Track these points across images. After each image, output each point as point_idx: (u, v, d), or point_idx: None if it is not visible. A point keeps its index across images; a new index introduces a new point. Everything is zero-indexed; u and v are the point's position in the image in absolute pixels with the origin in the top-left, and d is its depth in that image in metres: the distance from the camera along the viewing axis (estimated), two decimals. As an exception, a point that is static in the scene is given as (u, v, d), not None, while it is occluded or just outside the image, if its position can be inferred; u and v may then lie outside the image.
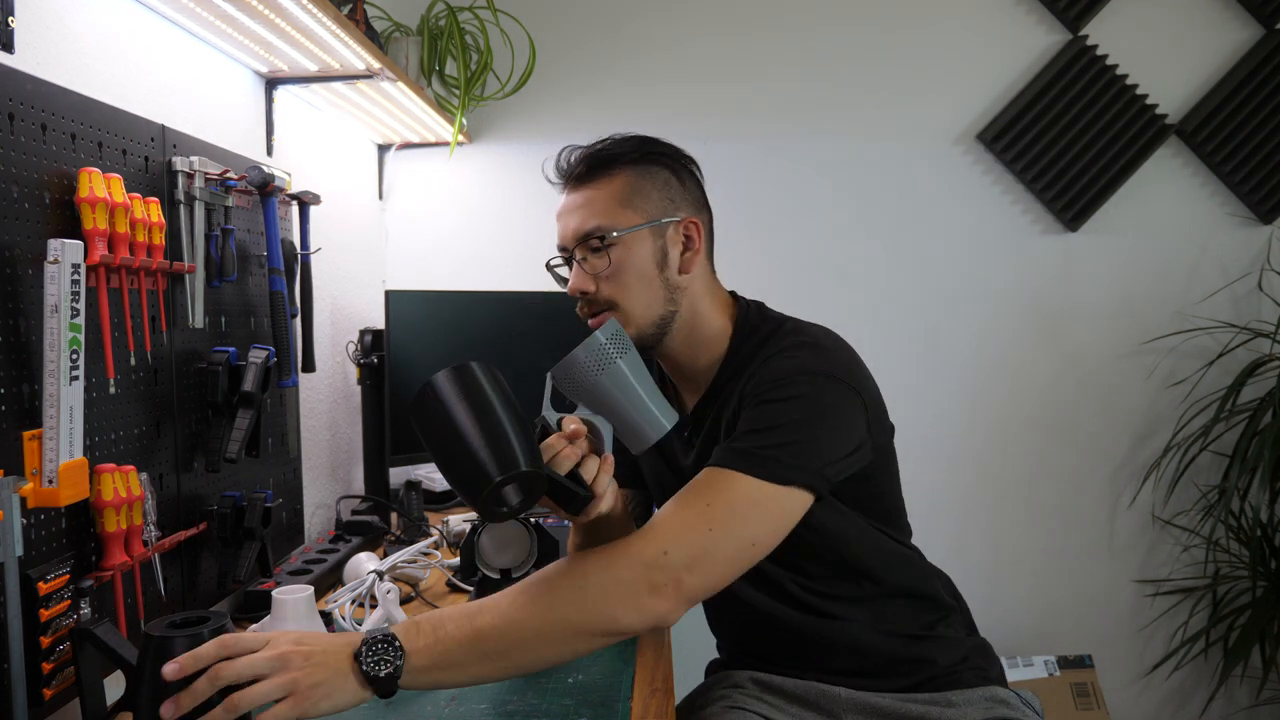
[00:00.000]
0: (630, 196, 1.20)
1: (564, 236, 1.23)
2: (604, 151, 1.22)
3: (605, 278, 1.20)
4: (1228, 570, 2.35)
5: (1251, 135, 2.30)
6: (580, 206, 1.21)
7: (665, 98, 2.36)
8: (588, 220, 1.20)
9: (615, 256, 1.19)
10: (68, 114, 1.04)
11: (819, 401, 1.10)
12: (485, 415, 0.93)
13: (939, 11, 2.34)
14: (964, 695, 1.22)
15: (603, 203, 1.20)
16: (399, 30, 2.10)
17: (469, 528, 1.26)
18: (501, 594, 1.00)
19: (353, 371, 1.95)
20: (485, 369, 0.99)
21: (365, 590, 1.32)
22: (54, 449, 0.95)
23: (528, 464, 0.91)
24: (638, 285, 1.20)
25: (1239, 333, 2.32)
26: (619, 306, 1.21)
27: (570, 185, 1.24)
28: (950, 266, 2.38)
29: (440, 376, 0.96)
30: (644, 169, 1.22)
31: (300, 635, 0.90)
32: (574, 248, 1.22)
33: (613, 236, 1.19)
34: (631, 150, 1.22)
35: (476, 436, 0.91)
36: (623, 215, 1.20)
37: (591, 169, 1.22)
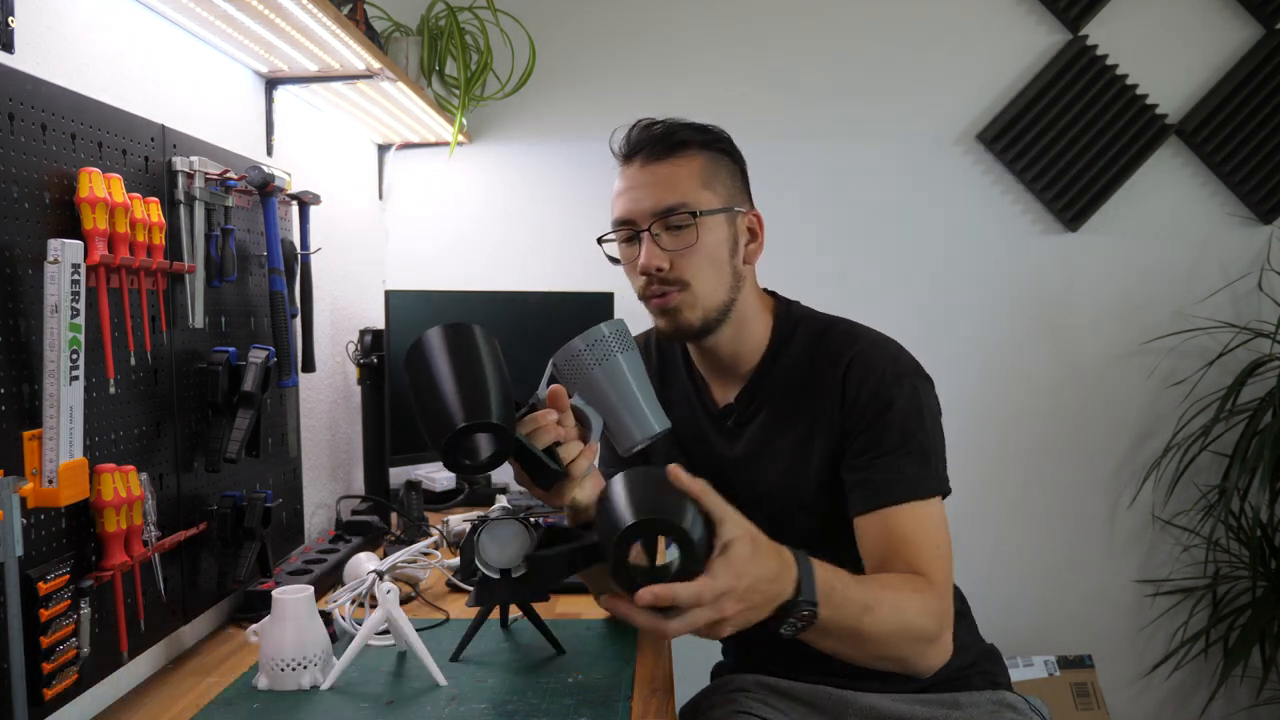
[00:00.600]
0: (709, 179, 1.21)
1: (635, 211, 1.19)
2: (680, 132, 1.20)
3: (681, 256, 1.18)
4: (1228, 570, 2.35)
5: (1251, 135, 2.30)
6: (659, 182, 1.19)
7: (665, 97, 2.36)
8: (669, 195, 1.18)
9: (698, 235, 1.18)
10: (68, 114, 1.04)
11: (926, 405, 1.18)
12: (470, 366, 0.96)
13: (939, 11, 2.34)
14: (971, 698, 1.22)
15: (685, 180, 1.19)
16: (399, 30, 2.10)
17: (469, 528, 1.26)
18: (886, 591, 1.03)
19: (353, 371, 1.95)
20: (484, 334, 1.01)
21: (365, 590, 1.32)
22: (54, 449, 0.95)
23: (499, 418, 0.92)
24: (710, 268, 1.20)
25: (1239, 333, 2.32)
26: (690, 286, 1.19)
27: (646, 159, 1.20)
28: (950, 266, 2.38)
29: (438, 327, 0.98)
30: (715, 156, 1.23)
31: (752, 584, 0.87)
32: (649, 223, 1.18)
33: (700, 215, 1.18)
34: (703, 135, 1.22)
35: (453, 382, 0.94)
36: (703, 196, 1.20)
37: (671, 146, 1.19)
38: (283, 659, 1.12)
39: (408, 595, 1.47)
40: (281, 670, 1.12)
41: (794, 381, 1.23)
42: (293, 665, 1.12)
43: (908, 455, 1.14)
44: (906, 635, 1.03)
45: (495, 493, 2.18)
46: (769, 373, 1.25)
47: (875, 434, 1.15)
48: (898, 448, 1.14)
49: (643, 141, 1.21)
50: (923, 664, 1.06)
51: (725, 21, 2.36)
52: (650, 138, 1.20)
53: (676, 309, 1.20)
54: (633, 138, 1.22)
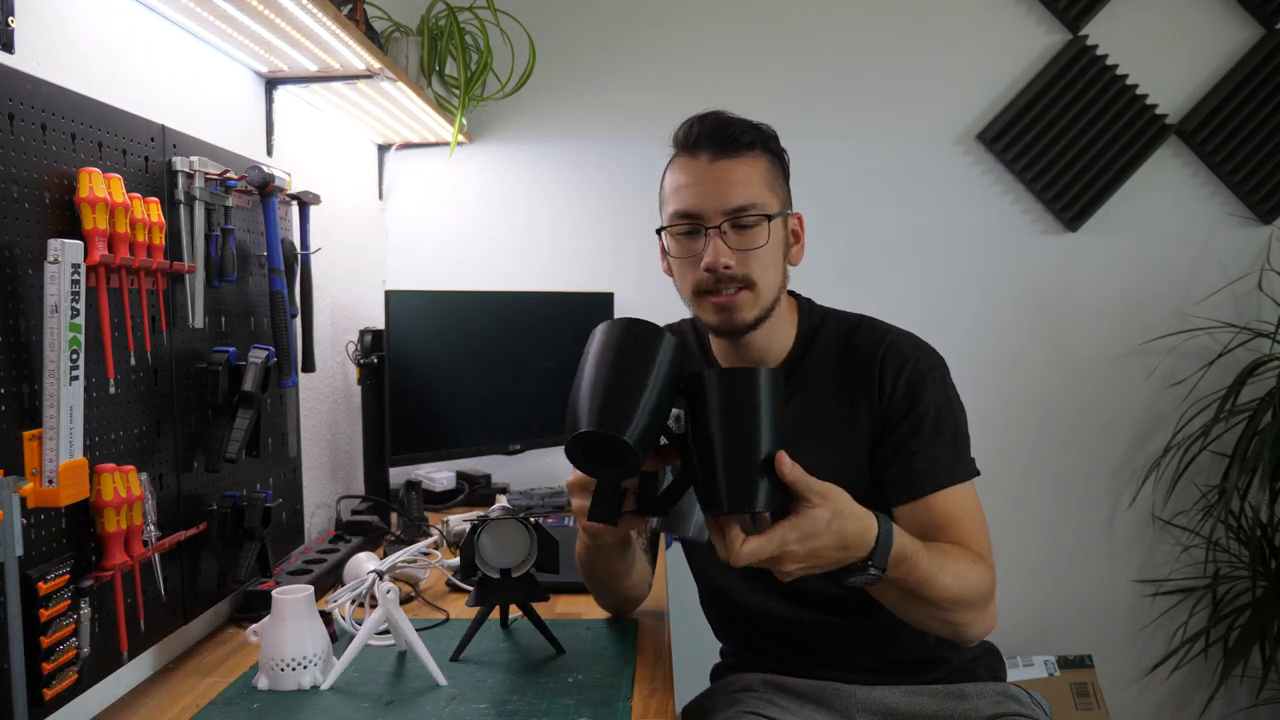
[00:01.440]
0: (772, 181, 1.23)
1: (706, 207, 1.18)
2: (749, 131, 1.21)
3: (748, 255, 1.19)
4: (1228, 570, 2.35)
5: (1251, 135, 2.30)
6: (730, 179, 1.18)
7: (665, 97, 2.36)
8: (740, 194, 1.18)
9: (768, 236, 1.19)
10: (68, 114, 1.04)
11: (953, 392, 1.24)
12: (642, 375, 0.92)
13: (939, 11, 2.34)
14: (976, 688, 1.24)
15: (755, 180, 1.20)
16: (399, 30, 2.10)
17: (469, 528, 1.26)
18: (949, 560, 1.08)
19: (353, 371, 1.95)
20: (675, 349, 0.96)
21: (365, 590, 1.32)
22: (54, 449, 0.95)
23: (633, 440, 0.89)
24: (773, 268, 1.22)
25: (1239, 333, 2.32)
26: (755, 286, 1.20)
27: (715, 154, 1.19)
28: (950, 266, 2.38)
29: (651, 327, 0.96)
30: (774, 158, 1.24)
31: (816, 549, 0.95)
32: (720, 220, 1.18)
33: (771, 218, 1.19)
34: (763, 136, 1.23)
35: (619, 384, 0.91)
36: (771, 197, 1.21)
37: (743, 145, 1.19)
38: (283, 659, 1.12)
39: (408, 595, 1.47)
40: (281, 670, 1.12)
41: (828, 373, 1.26)
42: (293, 665, 1.12)
43: (942, 442, 1.19)
44: (963, 602, 1.09)
45: (495, 493, 2.18)
46: (798, 366, 1.27)
47: (913, 423, 1.19)
48: (934, 436, 1.19)
49: (709, 135, 1.19)
50: (971, 631, 1.13)
51: (725, 22, 2.36)
52: (718, 132, 1.19)
53: (738, 307, 1.20)
54: (697, 130, 1.21)
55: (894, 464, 1.20)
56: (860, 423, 1.23)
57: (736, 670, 1.35)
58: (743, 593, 1.29)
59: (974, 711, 1.21)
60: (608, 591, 1.33)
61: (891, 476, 1.20)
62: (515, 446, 2.08)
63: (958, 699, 1.23)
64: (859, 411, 1.23)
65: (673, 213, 1.22)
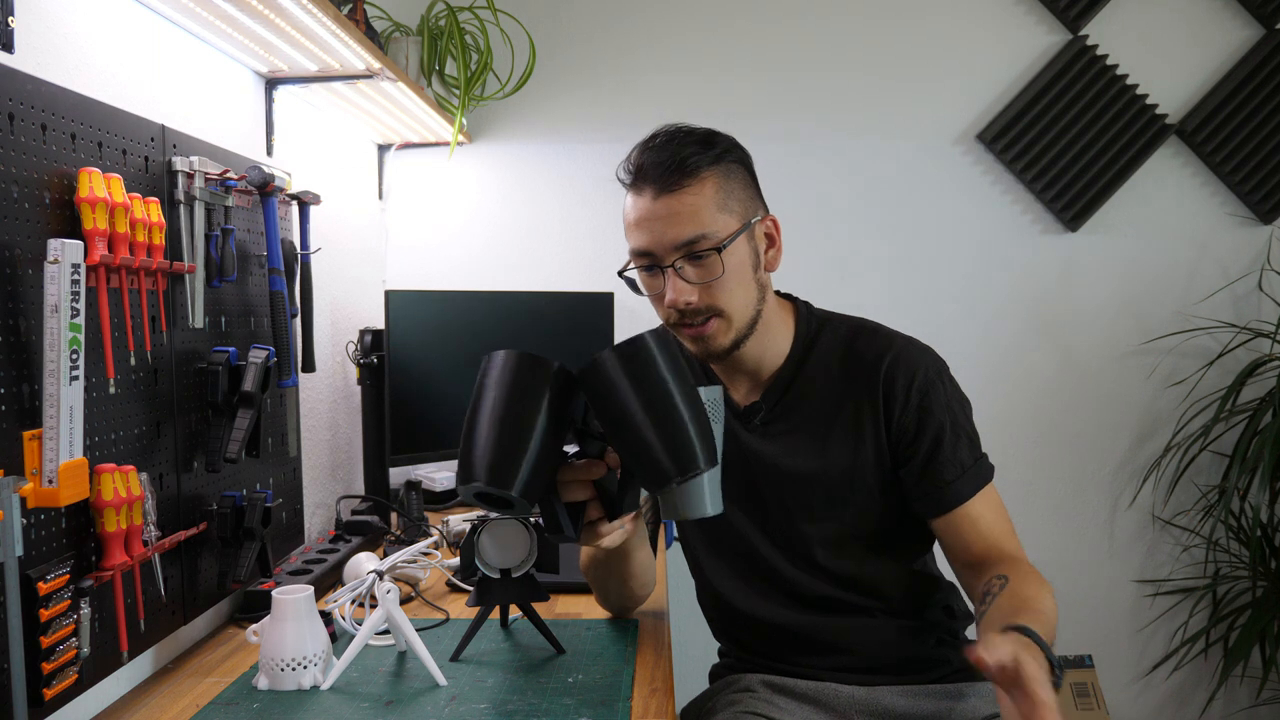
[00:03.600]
0: (724, 200, 1.17)
1: (656, 245, 1.16)
2: (690, 158, 1.16)
3: (708, 287, 1.16)
4: (1228, 570, 2.35)
5: (1251, 135, 2.30)
6: (676, 214, 1.15)
7: (665, 97, 2.36)
8: (688, 228, 1.15)
9: (724, 264, 1.16)
10: (68, 114, 1.04)
11: (957, 391, 1.25)
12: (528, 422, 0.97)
13: (939, 11, 2.34)
14: (974, 688, 1.24)
15: (701, 210, 1.15)
16: (399, 30, 2.10)
17: (469, 528, 1.26)
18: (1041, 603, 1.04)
19: (353, 371, 1.95)
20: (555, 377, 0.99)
21: (365, 590, 1.32)
22: (54, 449, 0.95)
23: (519, 491, 0.95)
24: (739, 290, 1.18)
25: (1239, 333, 2.32)
26: (724, 314, 1.18)
27: (658, 191, 1.16)
28: (950, 266, 2.38)
29: (533, 364, 0.97)
30: (726, 170, 1.19)
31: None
32: (673, 258, 1.16)
33: (723, 248, 1.15)
34: (711, 152, 1.18)
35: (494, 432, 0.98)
36: (721, 221, 1.16)
37: (682, 176, 1.15)
38: (283, 659, 1.12)
39: (408, 595, 1.47)
40: (281, 670, 1.12)
41: (829, 379, 1.25)
42: (293, 665, 1.12)
43: (962, 448, 1.20)
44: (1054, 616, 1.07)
45: (495, 493, 2.18)
46: (797, 373, 1.26)
47: (933, 436, 1.20)
48: (954, 445, 1.20)
49: (651, 169, 1.16)
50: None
51: (725, 22, 2.36)
52: (659, 165, 1.16)
53: (711, 336, 1.20)
54: (638, 163, 1.18)
55: (923, 480, 1.20)
56: (865, 431, 1.22)
57: (735, 671, 1.34)
58: (740, 596, 1.29)
59: (972, 711, 1.20)
60: (613, 594, 1.34)
61: (922, 492, 1.21)
62: (515, 446, 2.08)
63: (955, 699, 1.22)
64: (864, 419, 1.22)
65: (632, 251, 1.21)
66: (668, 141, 1.18)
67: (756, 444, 1.27)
